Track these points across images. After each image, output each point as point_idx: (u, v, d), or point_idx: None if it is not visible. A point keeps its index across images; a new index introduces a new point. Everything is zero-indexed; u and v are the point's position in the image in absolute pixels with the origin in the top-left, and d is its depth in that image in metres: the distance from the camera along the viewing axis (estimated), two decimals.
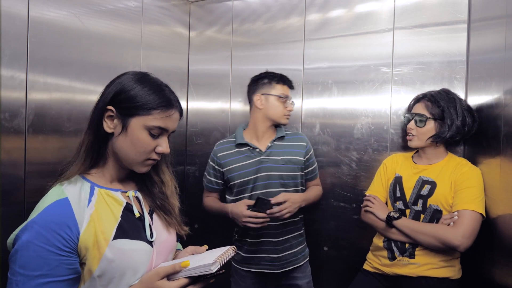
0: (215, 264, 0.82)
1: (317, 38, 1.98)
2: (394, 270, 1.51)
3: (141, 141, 0.89)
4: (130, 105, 0.87)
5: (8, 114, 1.14)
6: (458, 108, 1.49)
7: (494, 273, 1.34)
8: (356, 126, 1.90)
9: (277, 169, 1.65)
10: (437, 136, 1.50)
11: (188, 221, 1.11)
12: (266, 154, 1.67)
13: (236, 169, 1.67)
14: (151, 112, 0.88)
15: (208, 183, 1.78)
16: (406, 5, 1.81)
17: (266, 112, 1.68)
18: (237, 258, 1.73)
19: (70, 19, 1.37)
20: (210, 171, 1.75)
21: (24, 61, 1.19)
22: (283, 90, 1.69)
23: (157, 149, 0.91)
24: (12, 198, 1.15)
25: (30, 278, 0.75)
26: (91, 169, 0.92)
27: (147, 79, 0.92)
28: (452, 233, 1.34)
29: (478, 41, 1.62)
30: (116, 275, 0.84)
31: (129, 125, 0.88)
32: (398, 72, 1.82)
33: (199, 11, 2.25)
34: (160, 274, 0.83)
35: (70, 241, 0.79)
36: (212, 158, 1.75)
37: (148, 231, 0.93)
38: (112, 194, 0.91)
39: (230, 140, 1.76)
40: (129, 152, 0.89)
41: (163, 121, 0.90)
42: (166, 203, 1.02)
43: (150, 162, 0.93)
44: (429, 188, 1.49)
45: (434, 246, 1.40)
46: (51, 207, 0.80)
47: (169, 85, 0.98)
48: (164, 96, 0.91)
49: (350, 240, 1.90)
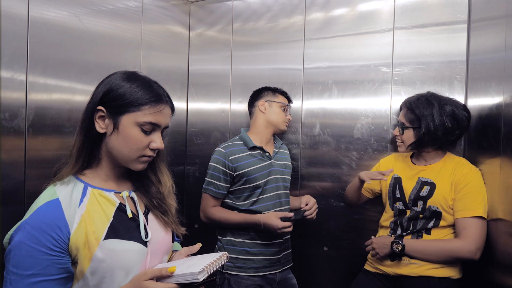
0: (203, 273, 0.80)
1: (317, 38, 1.98)
2: (395, 270, 1.51)
3: (134, 138, 0.89)
4: (120, 103, 0.88)
5: (8, 114, 1.14)
6: (435, 114, 1.46)
7: (494, 273, 1.34)
8: (356, 126, 1.90)
9: (281, 173, 1.76)
10: (415, 143, 1.53)
11: (186, 221, 1.11)
12: (274, 158, 1.76)
13: (251, 172, 1.66)
14: (140, 108, 0.88)
15: (217, 189, 1.67)
16: (406, 5, 1.81)
17: (268, 117, 1.76)
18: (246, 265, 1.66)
19: (70, 19, 1.36)
20: (220, 176, 1.66)
21: (24, 61, 1.19)
22: (284, 100, 1.82)
23: (151, 145, 0.92)
24: (12, 198, 1.15)
25: (22, 277, 0.77)
26: (85, 169, 0.93)
27: (135, 77, 0.93)
28: (465, 248, 1.35)
29: (478, 41, 1.62)
30: (107, 275, 0.84)
31: (120, 123, 0.88)
32: (398, 72, 1.82)
33: (199, 11, 2.25)
34: (148, 274, 0.83)
35: (61, 241, 0.80)
36: (221, 162, 1.66)
37: (142, 231, 0.92)
38: (105, 194, 0.91)
39: (237, 143, 1.73)
40: (123, 150, 0.90)
41: (154, 116, 0.90)
42: (163, 203, 1.01)
43: (145, 159, 0.93)
44: (428, 189, 1.49)
45: (449, 261, 1.42)
46: (42, 208, 0.82)
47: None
48: (153, 91, 0.91)
49: (350, 240, 1.90)
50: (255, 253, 1.66)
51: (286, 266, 1.76)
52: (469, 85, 1.69)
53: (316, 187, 1.98)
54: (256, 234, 1.66)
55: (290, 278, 1.77)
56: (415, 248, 1.44)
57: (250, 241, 1.67)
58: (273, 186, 1.71)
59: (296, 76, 1.99)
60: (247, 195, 1.68)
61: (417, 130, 1.51)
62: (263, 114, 1.76)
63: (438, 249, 1.41)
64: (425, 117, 1.47)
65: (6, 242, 0.82)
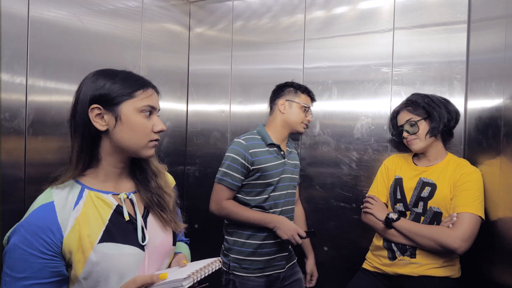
0: (188, 279, 0.79)
1: (317, 38, 1.98)
2: (394, 269, 1.51)
3: (139, 124, 0.91)
4: (114, 95, 0.88)
5: (8, 114, 1.14)
6: (435, 100, 1.54)
7: (493, 272, 1.34)
8: (356, 126, 1.90)
9: (292, 172, 1.76)
10: (431, 130, 1.52)
11: (187, 217, 1.10)
12: (287, 158, 1.75)
13: (267, 169, 1.65)
14: (135, 94, 0.90)
15: (233, 181, 1.63)
16: (406, 5, 1.81)
17: (287, 118, 1.74)
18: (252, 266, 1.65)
19: (70, 19, 1.36)
20: (238, 168, 1.62)
21: (24, 61, 1.19)
22: (306, 100, 1.78)
23: (154, 128, 0.93)
24: (12, 198, 1.15)
25: (15, 280, 0.78)
26: (86, 170, 0.92)
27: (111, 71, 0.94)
28: (451, 236, 1.34)
29: (478, 41, 1.62)
30: (101, 279, 0.84)
31: (121, 113, 0.89)
32: (398, 72, 1.82)
33: (199, 11, 2.25)
34: (137, 282, 0.82)
35: (53, 245, 0.80)
36: (241, 154, 1.62)
37: (139, 235, 0.91)
38: (102, 197, 0.90)
39: (255, 137, 1.71)
40: (131, 139, 0.90)
41: (149, 100, 0.92)
42: (162, 199, 1.00)
43: (153, 144, 0.95)
44: (429, 190, 1.49)
45: (433, 249, 1.40)
46: (36, 211, 0.82)
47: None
48: (137, 78, 0.94)
49: (350, 240, 1.90)
50: (262, 254, 1.65)
51: (291, 263, 1.77)
52: (469, 85, 1.69)
53: (316, 187, 1.98)
54: (263, 234, 1.64)
55: (295, 273, 1.78)
56: (406, 226, 1.46)
57: (257, 241, 1.64)
58: (284, 185, 1.71)
59: (296, 76, 1.99)
60: (259, 191, 1.66)
61: (428, 118, 1.53)
62: (282, 114, 1.74)
63: (426, 232, 1.40)
64: (430, 105, 1.53)
65: (5, 242, 0.82)
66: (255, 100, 2.12)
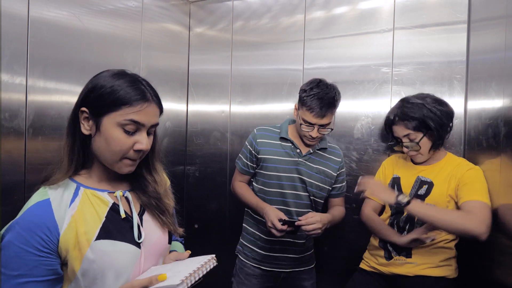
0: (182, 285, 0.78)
1: (317, 38, 1.98)
2: (391, 269, 1.51)
3: (115, 139, 0.85)
4: (100, 103, 0.85)
5: (8, 114, 1.14)
6: (432, 109, 1.45)
7: (491, 272, 1.34)
8: (356, 126, 1.90)
9: (310, 176, 1.62)
10: (434, 145, 1.49)
11: (185, 222, 1.10)
12: (304, 158, 1.62)
13: (273, 161, 1.64)
14: (121, 107, 0.84)
15: (243, 165, 1.73)
16: (406, 5, 1.81)
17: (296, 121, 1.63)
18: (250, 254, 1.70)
19: (70, 19, 1.36)
20: (247, 154, 1.71)
21: (24, 61, 1.19)
22: (308, 119, 1.52)
23: (136, 146, 0.87)
24: (12, 198, 1.15)
25: (10, 278, 0.77)
26: (80, 170, 0.91)
27: (121, 75, 0.88)
28: (474, 222, 1.25)
29: (478, 41, 1.62)
30: (98, 276, 0.83)
31: (101, 124, 0.85)
32: (398, 72, 1.82)
33: (199, 11, 2.25)
34: (135, 287, 0.81)
35: (50, 242, 0.79)
36: (250, 141, 1.70)
37: (135, 232, 0.90)
38: (98, 194, 0.89)
39: (273, 129, 1.70)
40: (105, 152, 0.86)
41: (136, 115, 0.85)
42: (161, 203, 0.99)
43: (128, 162, 0.88)
44: (426, 188, 1.49)
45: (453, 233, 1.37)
46: (32, 208, 0.81)
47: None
48: (136, 90, 0.86)
49: (350, 240, 1.90)
50: (259, 246, 1.68)
51: (301, 268, 1.70)
52: (469, 85, 1.69)
53: None
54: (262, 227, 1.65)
55: (301, 279, 1.71)
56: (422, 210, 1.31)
57: (256, 232, 1.69)
58: (287, 184, 1.62)
59: (296, 76, 1.99)
60: (263, 182, 1.67)
61: (429, 132, 1.46)
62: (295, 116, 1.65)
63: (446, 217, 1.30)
64: (427, 116, 1.44)
65: None
66: (255, 100, 2.12)
